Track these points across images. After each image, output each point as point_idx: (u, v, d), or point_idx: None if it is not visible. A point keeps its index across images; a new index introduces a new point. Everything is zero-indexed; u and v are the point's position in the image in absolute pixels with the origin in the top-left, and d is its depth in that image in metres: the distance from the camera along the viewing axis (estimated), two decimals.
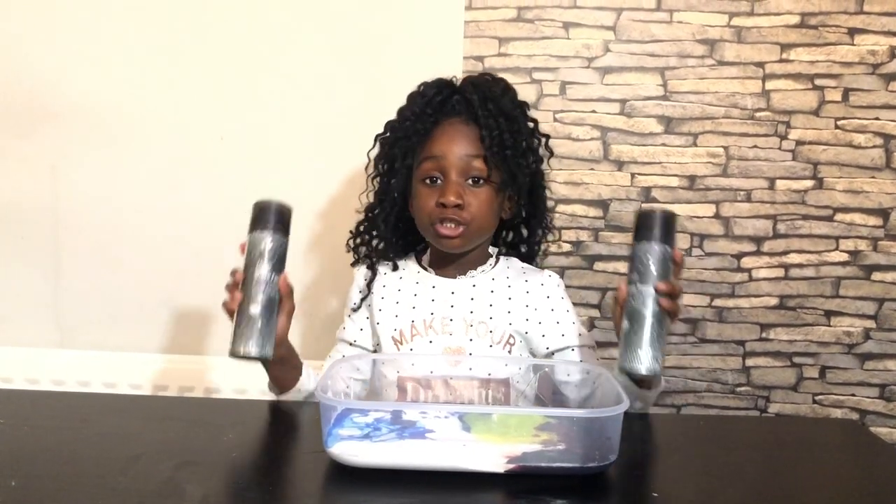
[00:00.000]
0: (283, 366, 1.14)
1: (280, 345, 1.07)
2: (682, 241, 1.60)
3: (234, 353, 1.00)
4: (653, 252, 0.99)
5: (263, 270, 1.01)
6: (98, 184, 1.63)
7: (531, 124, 1.27)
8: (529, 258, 1.34)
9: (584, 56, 1.57)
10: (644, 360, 0.97)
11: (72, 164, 1.63)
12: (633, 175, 1.59)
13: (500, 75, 1.30)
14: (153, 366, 1.57)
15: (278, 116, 1.60)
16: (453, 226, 1.18)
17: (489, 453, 0.88)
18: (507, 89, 1.26)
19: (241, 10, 1.58)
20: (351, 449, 0.88)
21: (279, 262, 1.02)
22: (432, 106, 1.21)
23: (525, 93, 1.56)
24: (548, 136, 1.31)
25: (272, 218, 1.02)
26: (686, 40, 1.56)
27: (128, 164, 1.62)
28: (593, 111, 1.58)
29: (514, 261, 1.31)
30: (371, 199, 1.29)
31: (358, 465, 0.88)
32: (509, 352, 1.22)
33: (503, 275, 1.27)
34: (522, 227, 1.34)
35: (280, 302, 1.04)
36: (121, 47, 1.60)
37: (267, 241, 1.02)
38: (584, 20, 1.56)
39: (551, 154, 1.33)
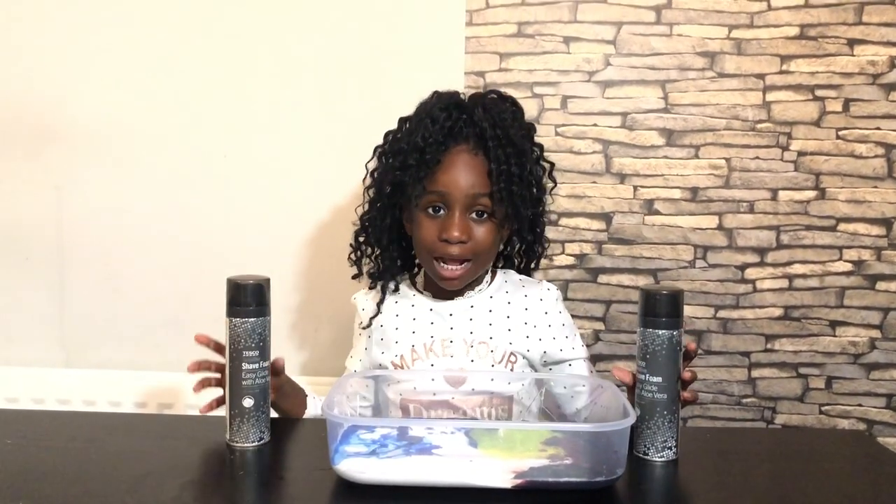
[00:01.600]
0: (286, 402, 1.18)
1: (278, 390, 1.13)
2: (685, 254, 1.60)
3: (233, 443, 1.00)
4: (660, 339, 0.96)
5: (253, 360, 0.99)
6: (102, 203, 1.63)
7: (536, 151, 1.26)
8: (526, 272, 1.33)
9: (584, 70, 1.58)
10: (659, 449, 0.97)
11: (76, 185, 1.64)
12: (635, 188, 1.59)
13: (500, 89, 1.29)
14: (159, 384, 1.57)
15: (281, 133, 1.60)
16: (455, 267, 1.17)
17: (496, 469, 0.88)
18: (516, 112, 1.24)
19: (243, 27, 1.59)
20: (358, 466, 0.88)
21: (266, 346, 1.00)
22: (443, 132, 1.17)
23: (527, 107, 1.54)
24: (552, 165, 1.29)
25: (251, 299, 0.99)
26: (686, 53, 1.57)
27: (132, 184, 1.63)
28: (595, 125, 1.59)
29: (512, 274, 1.30)
30: (366, 210, 1.27)
31: (365, 481, 0.88)
32: (511, 370, 1.21)
33: (501, 290, 1.26)
34: (518, 244, 1.32)
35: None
36: (125, 67, 1.61)
37: (250, 325, 0.99)
38: (584, 34, 1.57)
39: (555, 184, 1.32)
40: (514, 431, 0.97)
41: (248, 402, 0.99)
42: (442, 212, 1.17)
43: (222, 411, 1.04)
